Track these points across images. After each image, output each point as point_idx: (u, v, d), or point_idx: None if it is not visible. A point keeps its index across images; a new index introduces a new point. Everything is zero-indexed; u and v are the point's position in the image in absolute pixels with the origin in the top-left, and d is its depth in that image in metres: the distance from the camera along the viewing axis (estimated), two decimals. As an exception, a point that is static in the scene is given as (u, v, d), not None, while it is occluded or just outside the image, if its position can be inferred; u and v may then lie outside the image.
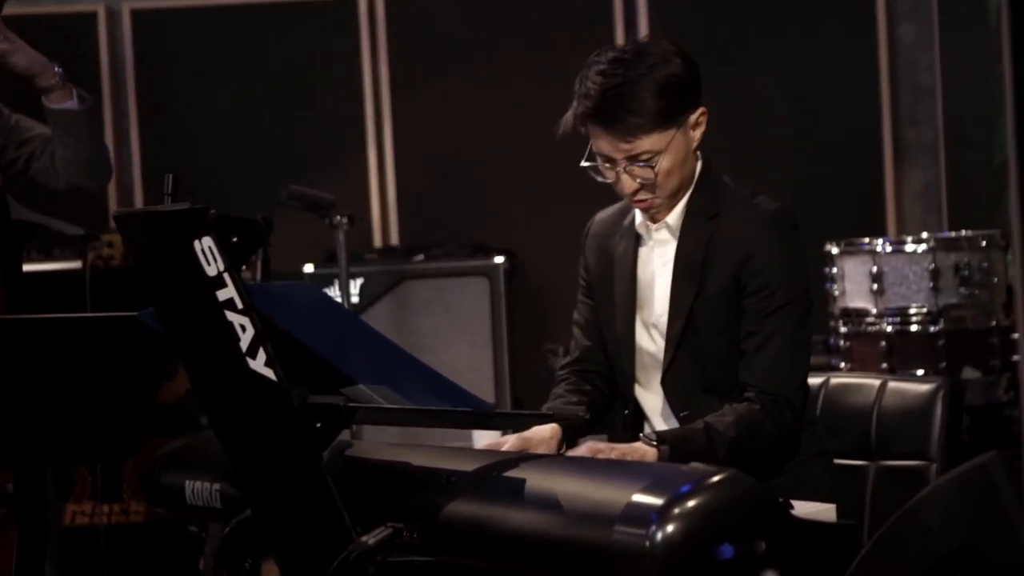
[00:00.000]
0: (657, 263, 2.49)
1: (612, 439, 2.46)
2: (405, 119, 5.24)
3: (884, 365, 4.16)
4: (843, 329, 4.29)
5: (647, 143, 2.37)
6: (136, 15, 5.28)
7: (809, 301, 2.45)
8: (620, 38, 5.10)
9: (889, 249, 4.27)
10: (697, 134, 2.43)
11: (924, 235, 4.34)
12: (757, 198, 2.47)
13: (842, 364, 4.28)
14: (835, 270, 4.34)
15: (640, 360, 2.50)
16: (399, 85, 5.24)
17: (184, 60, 5.27)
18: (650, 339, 2.49)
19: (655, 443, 2.27)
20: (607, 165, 2.42)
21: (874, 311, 4.24)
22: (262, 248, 4.17)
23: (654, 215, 2.48)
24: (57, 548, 3.19)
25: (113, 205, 5.28)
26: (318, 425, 1.88)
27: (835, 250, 4.34)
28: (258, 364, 1.85)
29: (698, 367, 2.43)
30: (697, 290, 2.42)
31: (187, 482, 2.38)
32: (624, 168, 2.40)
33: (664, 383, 2.47)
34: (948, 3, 5.04)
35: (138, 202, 5.30)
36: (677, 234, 2.46)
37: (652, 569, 1.59)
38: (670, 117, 2.37)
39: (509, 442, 2.27)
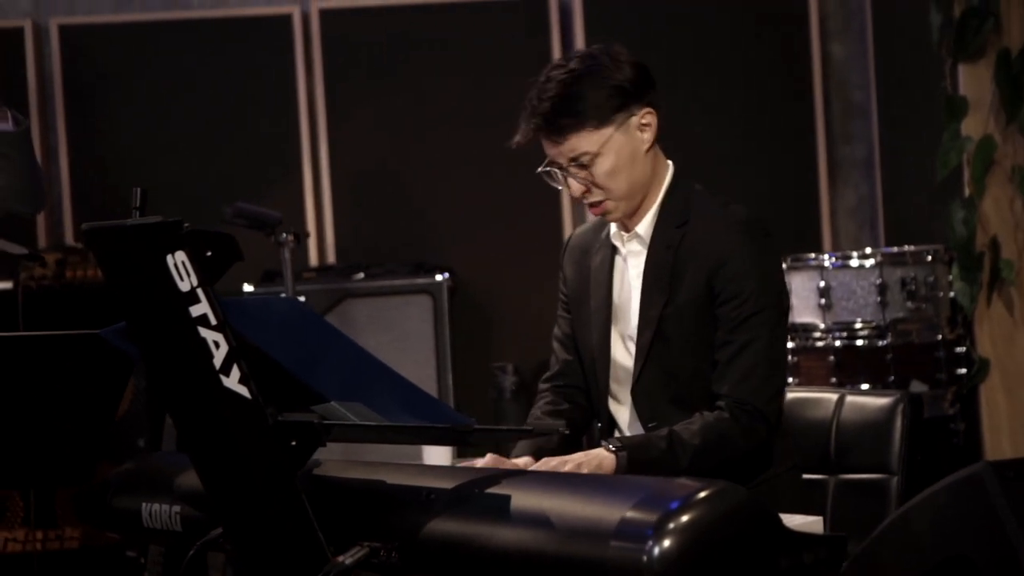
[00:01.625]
0: (632, 274, 2.48)
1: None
2: (341, 136, 5.20)
3: (833, 380, 4.19)
4: (791, 344, 4.32)
5: (582, 144, 2.37)
6: (64, 30, 5.19)
7: (784, 309, 2.44)
8: (557, 53, 5.10)
9: (836, 264, 4.31)
10: (647, 135, 2.42)
11: (869, 250, 4.39)
12: (729, 205, 2.46)
13: (790, 379, 4.31)
14: (782, 285, 4.36)
15: (614, 373, 2.48)
16: (334, 102, 5.19)
17: (114, 77, 5.18)
18: (625, 352, 2.48)
19: (613, 449, 2.25)
20: (556, 171, 2.43)
21: (822, 326, 4.27)
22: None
23: (614, 219, 2.47)
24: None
25: (41, 224, 5.17)
26: (293, 443, 1.84)
27: (783, 266, 4.36)
28: (232, 381, 1.80)
29: (667, 378, 2.41)
30: (666, 299, 2.40)
31: (143, 505, 2.32)
32: (568, 170, 2.40)
33: (633, 392, 2.45)
34: (883, 21, 5.11)
35: (67, 221, 5.20)
36: (648, 244, 2.45)
37: (649, 584, 1.57)
38: (604, 116, 2.37)
39: (484, 462, 2.25)
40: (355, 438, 1.94)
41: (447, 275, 4.69)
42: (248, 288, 4.65)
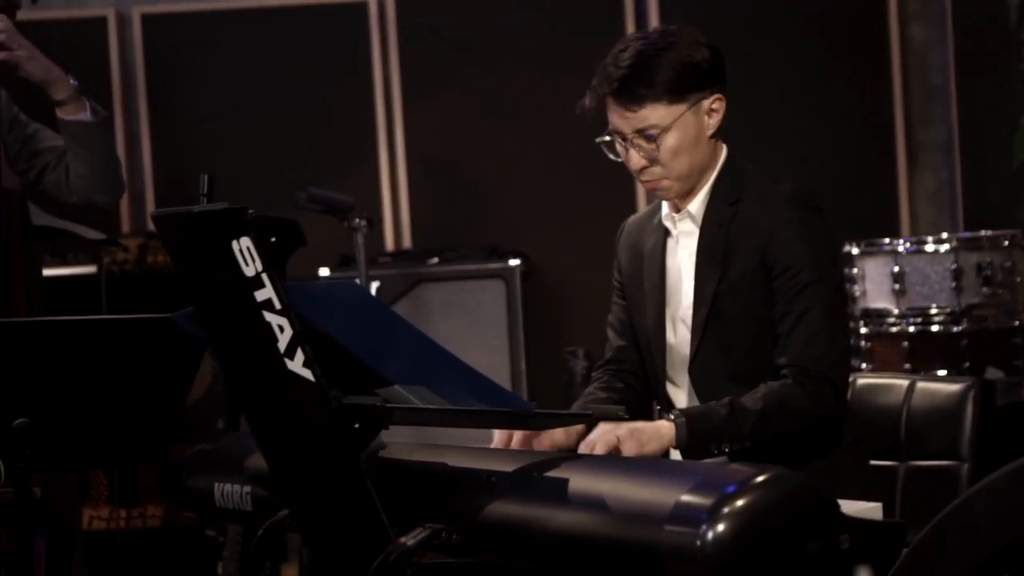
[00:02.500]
0: (683, 255, 2.48)
1: None
2: (417, 121, 5.23)
3: (906, 366, 4.14)
4: (864, 330, 4.28)
5: (653, 116, 2.37)
6: (147, 19, 5.27)
7: (840, 277, 2.42)
8: (632, 40, 5.08)
9: (911, 249, 4.26)
10: (713, 121, 2.42)
11: (945, 235, 4.34)
12: (779, 182, 2.46)
13: (863, 365, 4.27)
14: (855, 271, 4.33)
15: (670, 357, 2.49)
16: (411, 87, 5.23)
17: (195, 64, 5.26)
18: (680, 333, 2.48)
19: (672, 418, 2.24)
20: (619, 141, 2.43)
21: (896, 311, 4.23)
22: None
23: (667, 198, 2.47)
24: (80, 553, 3.18)
25: (125, 210, 5.27)
26: (356, 426, 1.87)
27: (855, 251, 4.33)
28: (296, 365, 1.84)
29: (724, 355, 2.41)
30: (719, 275, 2.40)
31: (216, 485, 2.37)
32: (632, 142, 2.40)
33: (691, 372, 2.44)
34: (962, 3, 5.04)
35: (149, 207, 5.29)
36: (700, 223, 2.46)
37: (703, 568, 1.58)
38: (679, 93, 2.37)
39: (516, 437, 2.26)
40: (417, 421, 1.97)
41: (520, 260, 4.71)
42: (324, 272, 4.71)
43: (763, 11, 5.18)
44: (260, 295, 1.82)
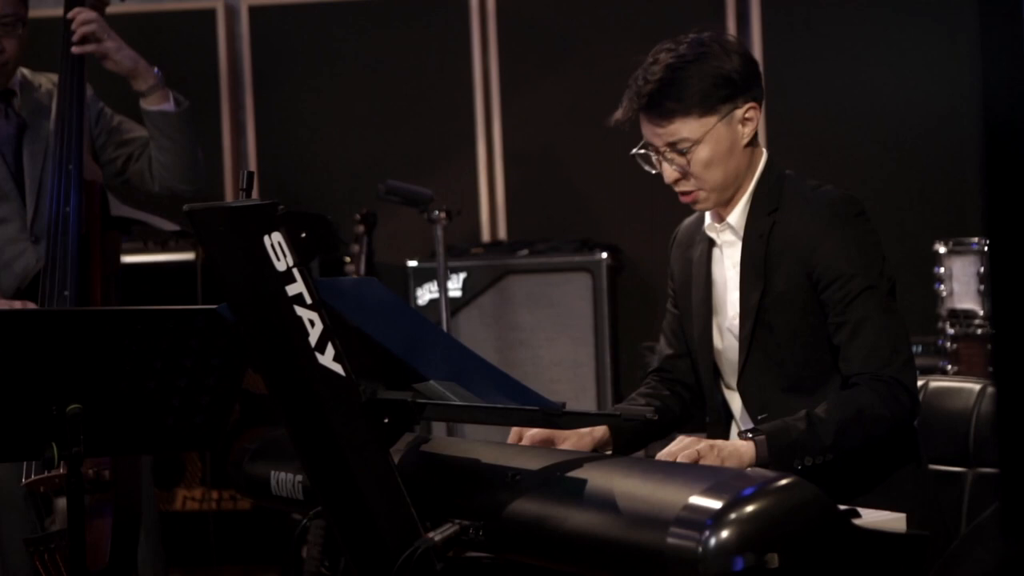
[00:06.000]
0: (727, 264, 2.45)
1: None
2: (514, 114, 5.25)
3: (991, 369, 4.03)
4: (950, 331, 4.18)
5: (684, 130, 2.35)
6: (253, 11, 5.37)
7: (890, 281, 2.36)
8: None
9: (1000, 249, 4.15)
10: (747, 130, 2.39)
11: (1037, 234, 4.20)
12: (819, 188, 2.41)
13: (948, 366, 4.17)
14: (942, 270, 4.23)
15: (721, 365, 2.46)
16: (509, 80, 5.24)
17: (300, 56, 5.34)
18: (728, 343, 2.45)
19: (750, 436, 2.20)
20: (653, 153, 2.42)
21: (982, 313, 4.12)
22: (367, 241, 4.21)
23: (704, 208, 2.44)
24: (156, 533, 3.26)
25: (230, 197, 5.38)
26: (386, 420, 1.90)
27: (943, 249, 4.23)
28: (327, 359, 1.86)
29: (775, 367, 2.37)
30: (763, 288, 2.37)
31: (272, 473, 2.42)
32: (664, 155, 2.38)
33: (740, 385, 2.41)
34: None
35: (255, 194, 5.39)
36: (741, 234, 2.43)
37: (705, 574, 1.56)
38: (710, 105, 2.34)
39: (530, 434, 2.25)
40: (447, 418, 1.99)
41: (607, 253, 4.69)
42: (412, 263, 4.75)
43: (857, 8, 5.07)
44: (291, 289, 1.85)
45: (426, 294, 4.64)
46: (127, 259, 3.43)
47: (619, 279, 4.76)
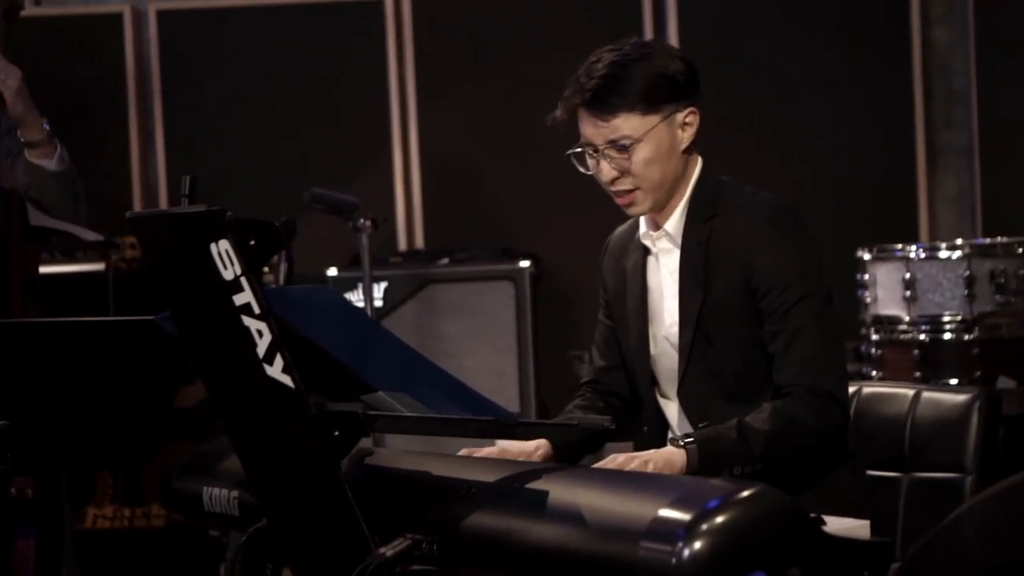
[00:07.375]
0: (664, 272, 2.44)
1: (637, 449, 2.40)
2: (431, 122, 5.20)
3: (917, 374, 4.08)
4: (875, 337, 4.22)
5: (626, 126, 2.34)
6: (162, 15, 5.26)
7: (827, 291, 2.37)
8: (649, 41, 5.04)
9: (923, 255, 4.20)
10: (686, 134, 2.39)
11: (959, 241, 4.27)
12: (756, 195, 2.41)
13: (874, 372, 4.21)
14: (867, 276, 4.27)
15: (658, 374, 2.45)
16: (425, 88, 5.20)
17: (210, 61, 5.25)
18: (665, 352, 2.44)
19: (682, 444, 2.20)
20: (590, 153, 2.40)
21: (907, 318, 4.17)
22: (285, 251, 4.14)
23: (640, 211, 2.43)
24: (71, 553, 3.17)
25: (138, 206, 5.26)
26: (336, 433, 1.85)
27: (867, 256, 4.27)
28: (275, 370, 1.81)
29: (714, 376, 2.36)
30: (703, 296, 2.36)
31: (204, 489, 2.35)
32: (604, 153, 2.37)
33: (680, 394, 2.40)
34: (986, 6, 4.97)
35: (163, 203, 5.28)
36: (679, 241, 2.42)
37: (679, 587, 1.54)
38: (653, 104, 2.34)
39: (484, 452, 2.23)
40: (399, 429, 1.94)
41: (530, 262, 4.67)
42: (332, 272, 4.68)
43: (783, 12, 5.12)
44: (239, 299, 1.80)
45: (348, 304, 4.58)
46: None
47: (538, 287, 4.74)
